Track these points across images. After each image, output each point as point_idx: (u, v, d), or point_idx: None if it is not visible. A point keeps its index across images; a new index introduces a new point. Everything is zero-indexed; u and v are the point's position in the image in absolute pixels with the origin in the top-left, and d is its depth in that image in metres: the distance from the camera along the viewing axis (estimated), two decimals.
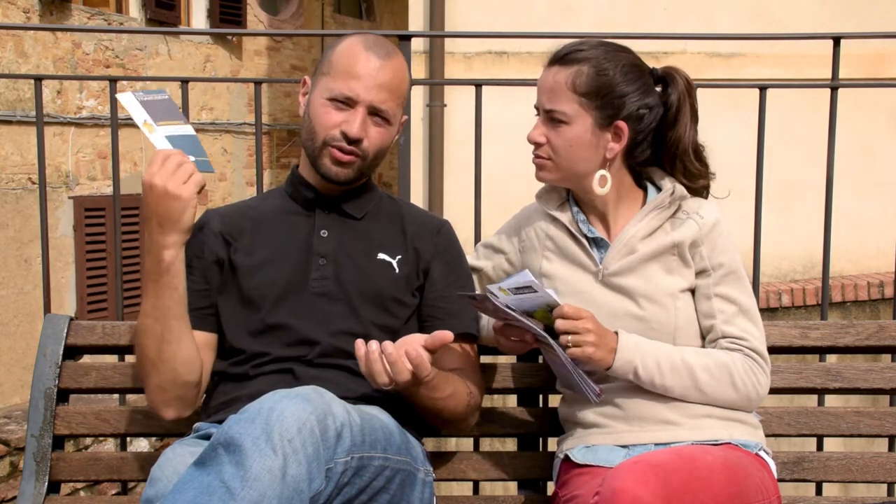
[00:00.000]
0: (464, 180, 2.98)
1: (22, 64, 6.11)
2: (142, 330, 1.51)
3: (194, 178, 1.44)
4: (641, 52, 1.66)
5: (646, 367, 1.49)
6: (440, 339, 1.37)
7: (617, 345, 1.48)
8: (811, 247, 3.12)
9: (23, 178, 6.21)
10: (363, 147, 1.57)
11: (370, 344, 1.37)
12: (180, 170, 1.44)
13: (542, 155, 1.59)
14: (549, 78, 1.57)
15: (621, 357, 1.48)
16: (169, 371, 1.51)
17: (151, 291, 1.47)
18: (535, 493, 1.73)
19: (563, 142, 1.56)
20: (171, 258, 1.46)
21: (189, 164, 1.45)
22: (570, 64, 1.55)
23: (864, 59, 4.63)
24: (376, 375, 1.37)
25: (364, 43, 1.57)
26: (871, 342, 1.78)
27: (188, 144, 1.50)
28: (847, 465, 1.72)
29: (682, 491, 1.26)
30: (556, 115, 1.55)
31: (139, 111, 1.52)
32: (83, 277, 6.58)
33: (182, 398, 1.55)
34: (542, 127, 1.58)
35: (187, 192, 1.43)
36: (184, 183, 1.43)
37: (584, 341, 1.44)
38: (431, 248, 1.65)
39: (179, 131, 1.52)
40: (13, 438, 4.07)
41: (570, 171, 1.58)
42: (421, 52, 5.24)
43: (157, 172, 1.43)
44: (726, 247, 1.58)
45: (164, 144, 1.50)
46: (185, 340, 1.51)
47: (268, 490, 1.15)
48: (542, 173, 1.62)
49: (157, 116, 1.52)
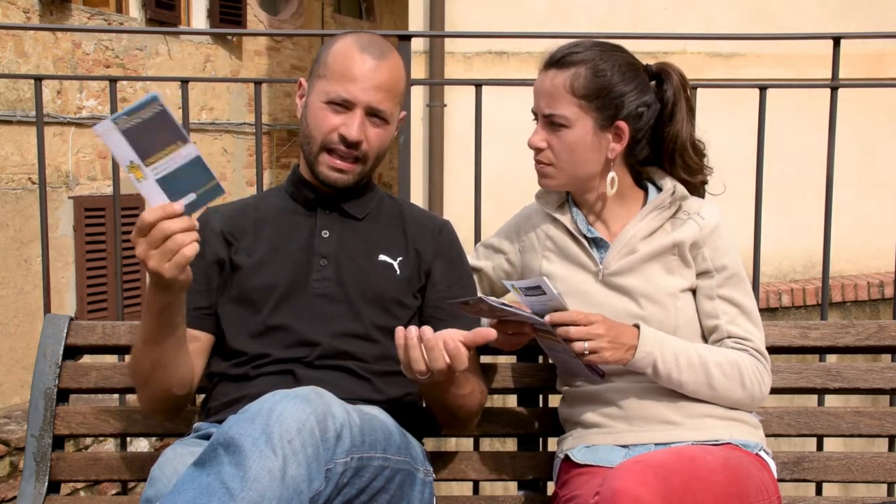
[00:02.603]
0: (464, 180, 2.98)
1: (22, 64, 6.11)
2: (137, 352, 1.49)
3: (182, 254, 1.27)
4: (641, 52, 1.65)
5: (665, 360, 1.49)
6: (482, 336, 1.35)
7: (637, 340, 1.48)
8: (811, 247, 3.12)
9: (23, 178, 6.20)
10: (362, 149, 1.56)
11: (409, 329, 1.35)
12: (166, 245, 1.26)
13: (544, 161, 1.58)
14: (547, 82, 1.56)
15: (643, 349, 1.48)
16: (161, 391, 1.53)
17: (150, 321, 1.42)
18: (535, 493, 1.73)
19: (564, 146, 1.55)
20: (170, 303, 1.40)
21: (179, 236, 1.26)
22: (567, 67, 1.54)
23: (864, 59, 4.63)
24: (413, 363, 1.34)
25: (359, 43, 1.56)
26: (871, 342, 1.78)
27: (189, 175, 1.27)
28: (847, 465, 1.72)
29: (683, 491, 1.26)
30: (556, 120, 1.55)
31: (123, 148, 1.24)
32: (83, 277, 6.58)
33: (172, 409, 1.60)
34: (542, 132, 1.57)
35: (170, 273, 1.28)
36: (168, 261, 1.27)
37: (600, 347, 1.44)
38: (433, 249, 1.65)
39: (176, 162, 1.26)
40: (13, 438, 4.07)
41: (574, 174, 1.58)
42: (421, 52, 5.24)
43: (141, 246, 1.27)
44: (728, 248, 1.58)
45: (156, 194, 1.26)
46: (179, 365, 1.50)
47: (267, 490, 1.15)
48: (546, 181, 1.61)
49: (146, 147, 1.24)
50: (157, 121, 1.24)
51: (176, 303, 1.39)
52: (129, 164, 1.24)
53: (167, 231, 1.26)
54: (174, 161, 1.26)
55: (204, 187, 1.27)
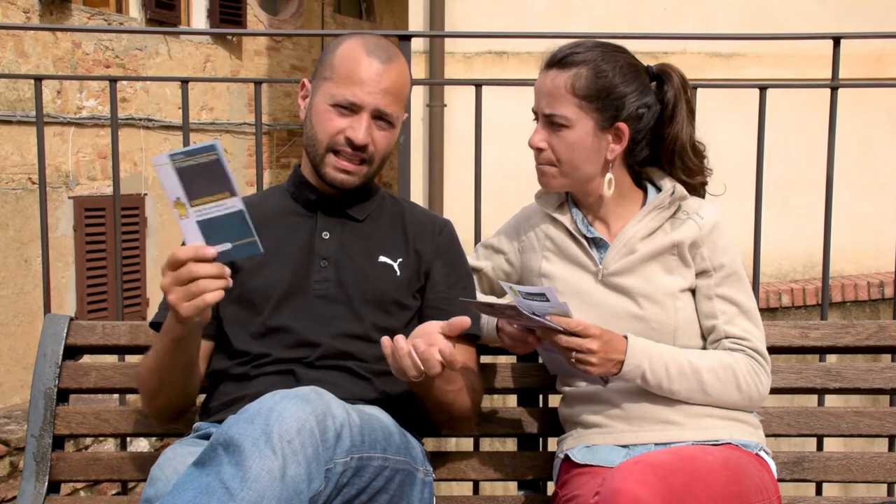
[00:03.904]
0: (464, 180, 2.98)
1: (22, 64, 6.11)
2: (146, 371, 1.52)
3: (203, 299, 1.28)
4: (641, 52, 1.65)
5: (654, 371, 1.49)
6: (458, 325, 1.36)
7: (625, 352, 1.48)
8: (811, 247, 3.12)
9: (23, 178, 6.21)
10: (369, 152, 1.56)
11: (397, 340, 1.37)
12: (190, 286, 1.28)
13: (545, 161, 1.58)
14: (548, 82, 1.56)
15: (630, 362, 1.48)
16: (164, 404, 1.56)
17: (165, 344, 1.43)
18: (535, 493, 1.73)
19: (565, 146, 1.55)
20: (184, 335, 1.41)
21: (204, 281, 1.27)
22: (568, 67, 1.54)
23: (864, 59, 4.63)
24: (407, 370, 1.36)
25: (365, 46, 1.56)
26: (871, 342, 1.78)
27: (229, 226, 1.28)
28: (847, 465, 1.72)
29: (682, 491, 1.26)
30: (556, 120, 1.54)
31: (173, 183, 1.27)
32: (83, 277, 6.59)
33: (175, 415, 1.62)
34: (543, 132, 1.57)
35: (186, 313, 1.28)
36: (187, 301, 1.28)
37: (588, 360, 1.44)
38: (432, 250, 1.65)
39: (219, 210, 1.27)
40: (13, 438, 4.06)
41: (574, 175, 1.58)
42: (421, 52, 5.24)
43: (167, 278, 1.29)
44: (727, 247, 1.58)
45: (194, 235, 1.29)
46: (188, 385, 1.53)
47: (267, 490, 1.15)
48: (546, 181, 1.60)
49: (195, 189, 1.27)
50: (211, 168, 1.26)
51: (190, 336, 1.41)
52: (175, 200, 1.27)
53: (195, 273, 1.27)
54: (218, 209, 1.27)
55: (241, 241, 1.28)
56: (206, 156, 1.25)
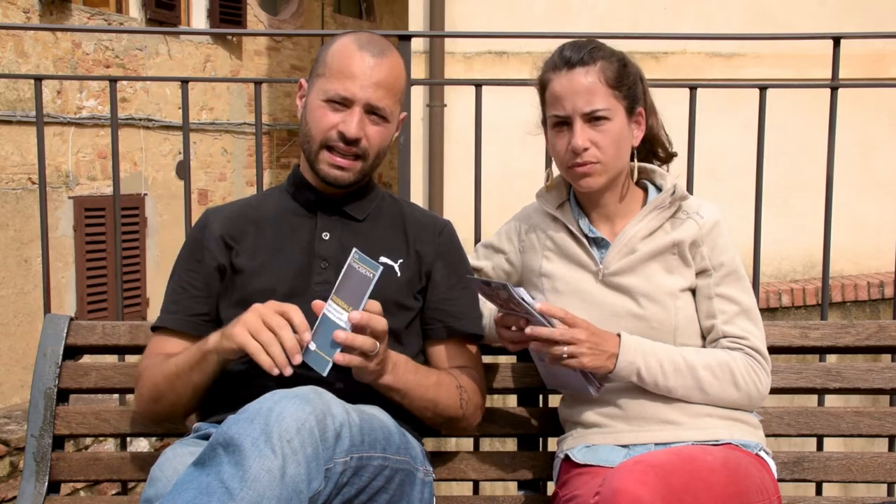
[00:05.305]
0: (464, 180, 2.98)
1: (22, 64, 6.11)
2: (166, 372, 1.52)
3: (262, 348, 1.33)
4: (641, 52, 1.66)
5: (649, 368, 1.49)
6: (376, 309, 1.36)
7: (619, 348, 1.48)
8: (811, 247, 3.12)
9: (23, 178, 6.21)
10: (362, 146, 1.56)
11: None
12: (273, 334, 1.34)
13: (591, 160, 1.55)
14: (579, 79, 1.54)
15: (624, 359, 1.48)
16: (165, 409, 1.56)
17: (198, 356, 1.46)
18: (535, 493, 1.73)
19: (609, 140, 1.55)
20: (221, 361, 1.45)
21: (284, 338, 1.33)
22: (595, 61, 1.55)
23: (864, 59, 4.63)
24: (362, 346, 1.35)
25: (357, 42, 1.56)
26: (871, 342, 1.78)
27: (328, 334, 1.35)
28: (847, 465, 1.72)
29: (682, 491, 1.26)
30: (599, 114, 1.54)
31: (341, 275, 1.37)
32: (83, 277, 6.59)
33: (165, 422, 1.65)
34: (584, 132, 1.55)
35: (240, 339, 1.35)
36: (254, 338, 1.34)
37: (579, 352, 1.45)
38: (433, 251, 1.65)
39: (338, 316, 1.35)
40: (13, 438, 4.06)
41: (615, 167, 1.58)
42: (421, 52, 5.24)
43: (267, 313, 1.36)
44: (727, 247, 1.58)
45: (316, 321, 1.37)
46: (192, 398, 1.53)
47: (267, 490, 1.15)
48: (591, 180, 1.57)
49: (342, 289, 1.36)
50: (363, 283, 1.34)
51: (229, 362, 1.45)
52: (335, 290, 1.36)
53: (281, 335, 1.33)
54: (337, 315, 1.35)
55: (322, 353, 1.34)
56: (368, 270, 1.34)
